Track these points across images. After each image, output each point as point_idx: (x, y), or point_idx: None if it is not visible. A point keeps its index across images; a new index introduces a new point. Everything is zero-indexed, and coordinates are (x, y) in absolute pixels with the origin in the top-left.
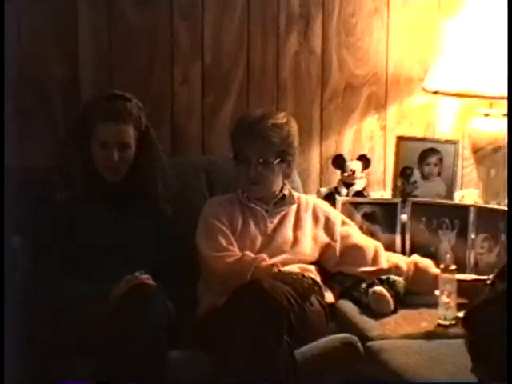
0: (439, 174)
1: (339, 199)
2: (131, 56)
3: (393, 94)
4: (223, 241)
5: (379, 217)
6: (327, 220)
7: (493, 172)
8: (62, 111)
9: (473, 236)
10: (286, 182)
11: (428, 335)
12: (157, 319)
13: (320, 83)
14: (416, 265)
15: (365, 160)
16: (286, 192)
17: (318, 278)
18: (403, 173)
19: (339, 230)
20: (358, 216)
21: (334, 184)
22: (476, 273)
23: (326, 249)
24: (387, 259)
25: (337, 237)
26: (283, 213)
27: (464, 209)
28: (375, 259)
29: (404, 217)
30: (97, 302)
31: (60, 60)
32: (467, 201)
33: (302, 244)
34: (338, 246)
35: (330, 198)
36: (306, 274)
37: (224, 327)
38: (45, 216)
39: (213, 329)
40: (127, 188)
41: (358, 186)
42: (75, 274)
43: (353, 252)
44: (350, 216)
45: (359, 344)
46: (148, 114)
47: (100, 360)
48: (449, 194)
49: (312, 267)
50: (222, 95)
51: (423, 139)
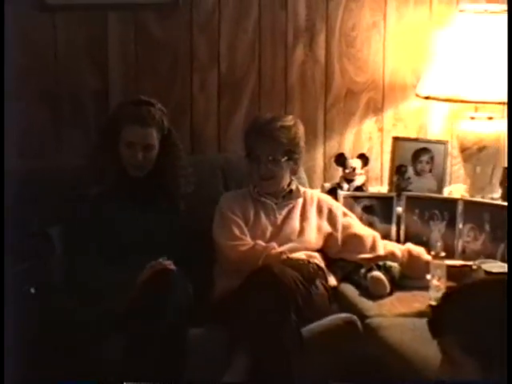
0: (430, 171)
1: (341, 193)
2: (155, 65)
3: (389, 99)
4: (237, 231)
5: (377, 209)
6: (330, 212)
7: (478, 169)
8: (94, 116)
9: (460, 226)
10: (293, 178)
11: (420, 314)
12: (178, 300)
13: (324, 89)
14: (410, 252)
15: (364, 158)
16: (293, 187)
17: (322, 264)
18: (398, 170)
19: (341, 221)
20: (358, 208)
21: (337, 180)
22: (463, 259)
23: (329, 238)
24: (384, 247)
25: (339, 227)
26: (291, 206)
27: (452, 202)
28: (373, 247)
29: (399, 209)
30: (125, 285)
31: (91, 70)
32: (455, 195)
33: (308, 233)
34: (340, 236)
35: (333, 193)
36: (312, 261)
37: (238, 307)
38: (79, 209)
39: (228, 309)
40: (151, 184)
41: (358, 182)
42: (105, 260)
43: (353, 240)
44: (351, 208)
45: (359, 322)
46: (170, 117)
47: (130, 336)
48: (439, 189)
49: (317, 254)
50: (236, 100)
51: (416, 140)
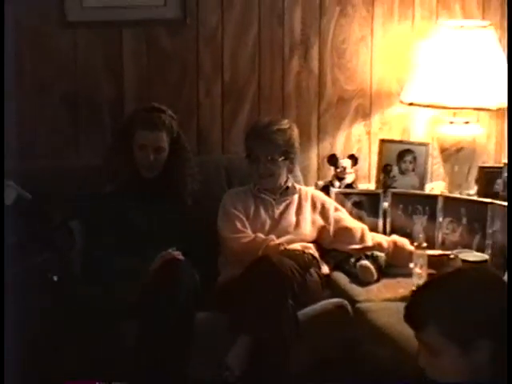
0: (413, 170)
1: (333, 190)
2: (165, 75)
3: (376, 106)
4: (239, 224)
5: (365, 204)
6: (323, 207)
7: (456, 168)
8: (110, 121)
9: (440, 219)
10: (290, 176)
11: (404, 299)
12: (186, 287)
13: (317, 97)
14: (395, 243)
15: (354, 158)
16: (290, 184)
17: (316, 254)
18: (385, 169)
19: (333, 215)
20: (348, 204)
21: (329, 178)
22: (442, 249)
23: (322, 230)
24: (372, 238)
25: (331, 220)
26: (287, 201)
27: (433, 198)
28: (362, 238)
29: (385, 204)
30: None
31: (108, 79)
32: (436, 191)
33: (303, 226)
34: (332, 228)
35: (326, 190)
36: (307, 251)
37: (240, 293)
38: (96, 205)
39: (231, 295)
40: (161, 182)
41: (348, 180)
42: (120, 251)
43: (344, 233)
44: (342, 204)
45: (349, 307)
46: (179, 122)
47: (142, 320)
48: (421, 186)
49: (311, 245)
50: (238, 106)
51: (400, 142)
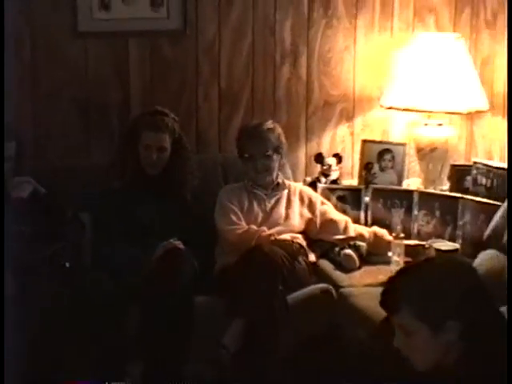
0: (392, 168)
1: (319, 186)
2: (167, 81)
3: (358, 109)
4: (234, 217)
5: (349, 199)
6: (310, 201)
7: (430, 166)
8: (117, 123)
9: (416, 212)
10: (280, 173)
11: (384, 284)
12: (186, 273)
13: (305, 101)
14: (375, 233)
15: (338, 157)
16: (280, 181)
17: (304, 244)
18: (366, 166)
19: (319, 208)
20: (333, 198)
21: (316, 175)
22: (418, 239)
23: (310, 222)
24: (354, 229)
25: (317, 213)
26: (278, 196)
27: (410, 193)
28: (345, 229)
29: (367, 199)
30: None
31: (115, 85)
32: (412, 187)
33: (292, 219)
34: (318, 220)
35: (313, 185)
36: (295, 241)
37: (235, 280)
38: (105, 200)
39: (227, 281)
40: (163, 179)
41: (333, 176)
42: (126, 240)
43: (329, 224)
44: (327, 198)
45: (333, 291)
46: (180, 124)
47: (144, 306)
48: (399, 182)
49: (299, 235)
50: (234, 109)
51: (380, 142)
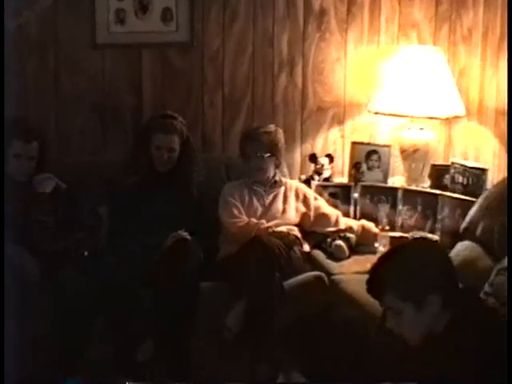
0: (378, 167)
1: (313, 183)
2: (176, 88)
3: (348, 114)
4: (236, 211)
5: (339, 195)
6: (305, 197)
7: (413, 165)
8: (131, 125)
9: (400, 207)
10: (277, 171)
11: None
12: (192, 262)
13: (301, 106)
14: (363, 226)
15: (330, 157)
16: (277, 178)
17: (299, 235)
18: (355, 166)
19: (313, 204)
20: (326, 194)
21: (310, 173)
22: (402, 231)
23: (304, 216)
24: (344, 222)
25: (311, 208)
26: (275, 192)
27: (394, 190)
28: (336, 222)
29: (356, 195)
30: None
31: (129, 91)
32: (396, 184)
33: (288, 213)
34: (312, 214)
35: (307, 182)
36: (291, 232)
37: (237, 267)
38: (120, 194)
39: (229, 268)
40: (172, 176)
41: (326, 175)
42: (139, 231)
43: (322, 218)
44: (320, 194)
45: (326, 278)
46: (187, 127)
47: (156, 288)
48: (385, 180)
49: (295, 228)
50: (236, 114)
51: (368, 144)
